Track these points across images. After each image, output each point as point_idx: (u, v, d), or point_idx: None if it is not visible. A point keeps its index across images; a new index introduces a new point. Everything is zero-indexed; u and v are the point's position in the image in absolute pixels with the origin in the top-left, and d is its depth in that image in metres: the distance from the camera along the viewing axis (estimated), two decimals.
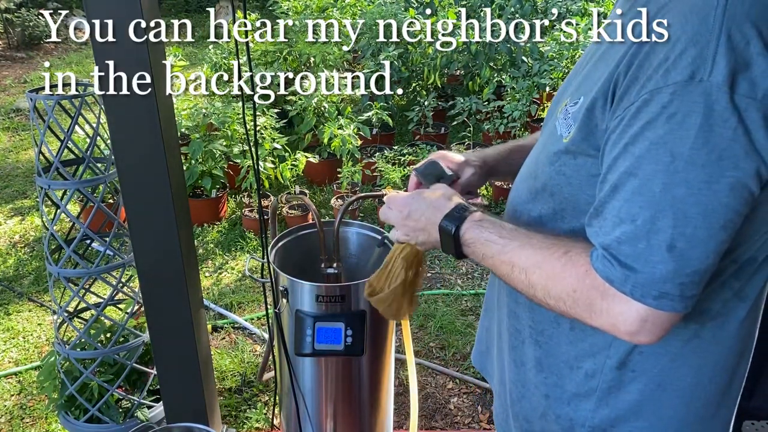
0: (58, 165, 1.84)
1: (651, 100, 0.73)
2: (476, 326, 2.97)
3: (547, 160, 0.92)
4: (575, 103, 0.87)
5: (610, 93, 0.79)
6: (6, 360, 2.80)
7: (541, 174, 0.94)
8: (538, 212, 0.95)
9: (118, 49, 1.39)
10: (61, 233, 1.97)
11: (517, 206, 1.02)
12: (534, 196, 0.96)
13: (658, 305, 0.76)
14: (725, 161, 0.71)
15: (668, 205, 0.73)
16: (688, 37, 0.72)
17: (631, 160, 0.75)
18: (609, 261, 0.78)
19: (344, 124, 3.93)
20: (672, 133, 0.72)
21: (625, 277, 0.76)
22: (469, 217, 0.94)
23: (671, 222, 0.73)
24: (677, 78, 0.71)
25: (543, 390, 1.01)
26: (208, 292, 3.27)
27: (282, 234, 1.84)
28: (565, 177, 0.89)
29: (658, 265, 0.75)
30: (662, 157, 0.73)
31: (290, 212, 3.75)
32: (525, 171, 1.03)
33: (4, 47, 7.92)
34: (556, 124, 0.91)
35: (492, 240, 0.91)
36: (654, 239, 0.74)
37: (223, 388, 2.60)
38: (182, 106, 4.04)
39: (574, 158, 0.87)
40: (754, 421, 1.98)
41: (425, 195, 1.02)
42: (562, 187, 0.90)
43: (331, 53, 4.74)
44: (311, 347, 1.61)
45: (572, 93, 0.91)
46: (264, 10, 7.12)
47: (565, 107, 0.90)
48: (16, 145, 5.22)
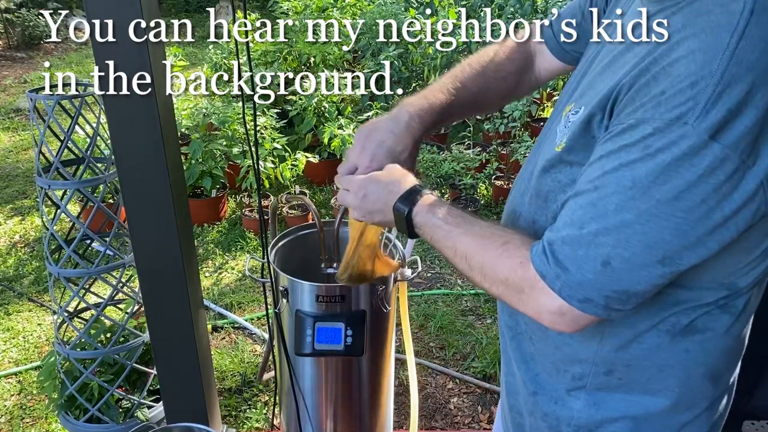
0: (58, 165, 1.84)
1: (636, 127, 0.75)
2: (476, 326, 2.99)
3: (541, 167, 0.93)
4: (576, 112, 0.88)
5: (609, 108, 0.81)
6: (6, 360, 2.80)
7: (535, 179, 0.95)
8: (532, 216, 0.96)
9: (118, 49, 1.39)
10: (61, 233, 1.97)
11: (516, 207, 1.03)
12: (530, 199, 0.97)
13: (581, 308, 0.80)
14: (680, 202, 0.73)
15: (615, 225, 0.76)
16: (689, 76, 0.72)
17: (599, 172, 0.78)
18: (546, 257, 0.81)
19: (344, 124, 3.93)
20: (641, 162, 0.74)
21: (557, 275, 0.80)
22: (420, 201, 0.97)
23: (612, 241, 0.76)
24: (664, 115, 0.72)
25: (531, 387, 1.03)
26: (208, 292, 3.27)
27: (282, 234, 1.84)
28: (561, 185, 0.90)
29: (588, 273, 0.78)
30: (624, 181, 0.75)
31: (290, 212, 3.75)
32: (526, 173, 1.03)
33: (4, 47, 7.92)
34: (557, 129, 0.92)
35: (438, 225, 0.94)
36: (592, 251, 0.78)
37: (223, 388, 2.60)
38: (182, 106, 4.04)
39: (570, 166, 0.88)
40: (754, 421, 1.98)
41: (380, 177, 1.04)
42: (556, 194, 0.90)
43: (331, 53, 4.74)
44: (311, 347, 1.61)
45: (576, 99, 0.92)
46: (264, 10, 7.12)
47: (568, 113, 0.90)
48: (16, 145, 5.22)
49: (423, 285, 3.32)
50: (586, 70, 0.97)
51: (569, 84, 1.02)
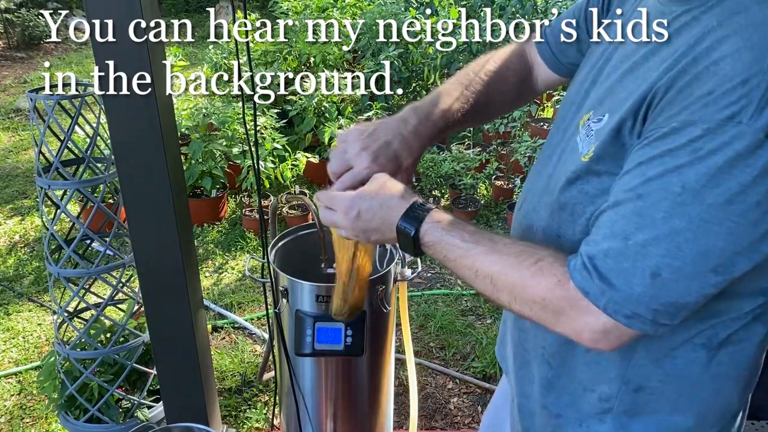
0: (58, 165, 1.83)
1: (681, 130, 0.72)
2: (476, 326, 2.99)
3: (565, 179, 0.89)
4: (599, 120, 0.85)
5: (642, 113, 0.78)
6: (6, 360, 2.80)
7: (558, 192, 0.90)
8: (556, 231, 0.92)
9: (118, 49, 1.39)
10: (61, 233, 1.96)
11: (532, 222, 0.98)
12: (551, 213, 0.93)
13: (627, 323, 0.76)
14: (734, 206, 0.70)
15: (664, 233, 0.72)
16: (738, 75, 0.69)
17: (640, 180, 0.75)
18: (588, 272, 0.77)
19: (344, 124, 3.93)
20: (690, 166, 0.71)
21: (602, 291, 0.76)
22: (428, 218, 0.90)
23: (662, 251, 0.73)
24: (715, 116, 0.69)
25: (554, 410, 0.99)
26: (208, 292, 3.27)
27: (282, 234, 1.84)
28: (588, 196, 0.85)
29: (636, 287, 0.74)
30: (673, 187, 0.72)
31: (290, 212, 3.75)
32: (540, 185, 0.98)
33: (4, 47, 7.92)
34: (578, 140, 0.88)
35: (454, 244, 0.88)
36: (640, 262, 0.74)
37: (223, 388, 2.60)
38: (182, 106, 4.04)
39: (598, 176, 0.84)
40: (754, 421, 1.98)
41: (373, 192, 0.94)
42: (584, 206, 0.86)
43: (331, 53, 4.74)
44: (311, 347, 1.61)
45: (594, 107, 0.88)
46: (264, 10, 7.12)
47: (588, 122, 0.87)
48: (16, 145, 5.22)
49: (423, 285, 3.32)
50: (596, 76, 0.94)
51: (575, 93, 0.99)
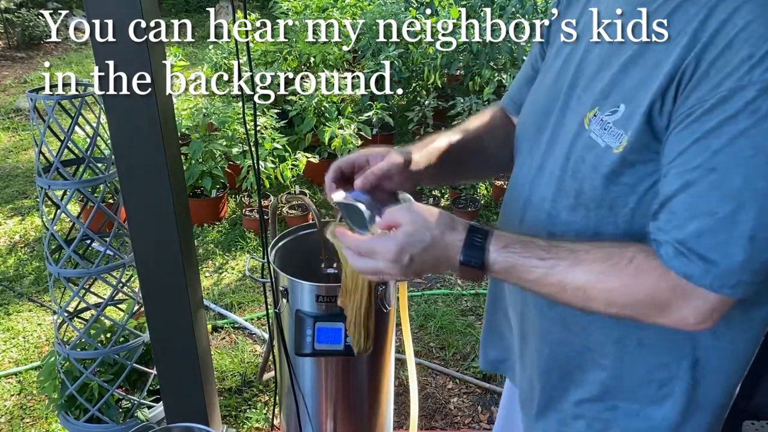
0: (58, 165, 1.83)
1: (731, 97, 0.73)
2: (476, 326, 2.98)
3: (598, 175, 0.86)
4: (613, 112, 0.85)
5: (672, 92, 0.78)
6: (6, 360, 2.80)
7: (590, 190, 0.88)
8: (593, 230, 0.90)
9: (118, 49, 1.39)
10: (61, 233, 1.96)
11: (551, 229, 0.95)
12: (584, 214, 0.90)
13: (732, 293, 0.77)
14: None
15: (750, 197, 0.74)
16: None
17: (706, 155, 0.75)
18: (686, 256, 0.77)
19: (344, 124, 3.93)
20: (756, 128, 0.72)
21: (706, 270, 0.77)
22: (492, 245, 0.85)
23: (754, 214, 0.74)
24: (765, 75, 0.71)
25: (605, 410, 0.99)
26: (208, 292, 3.27)
27: (282, 234, 1.84)
28: (629, 186, 0.85)
29: (736, 256, 0.76)
30: (744, 151, 0.73)
31: (290, 212, 3.75)
32: (548, 192, 0.95)
33: (4, 47, 7.92)
34: (592, 136, 0.87)
35: (532, 265, 0.84)
36: (735, 231, 0.75)
37: (223, 388, 2.60)
38: (182, 106, 4.04)
39: (632, 166, 0.84)
40: (754, 421, 1.98)
41: (420, 230, 0.86)
42: (627, 197, 0.85)
43: (331, 53, 4.74)
44: (311, 347, 1.61)
45: (598, 102, 0.88)
46: (264, 10, 7.12)
47: (596, 118, 0.87)
48: (16, 145, 5.22)
49: (423, 285, 3.32)
50: (575, 79, 0.93)
51: (546, 101, 0.99)
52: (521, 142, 1.05)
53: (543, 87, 1.02)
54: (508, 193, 1.07)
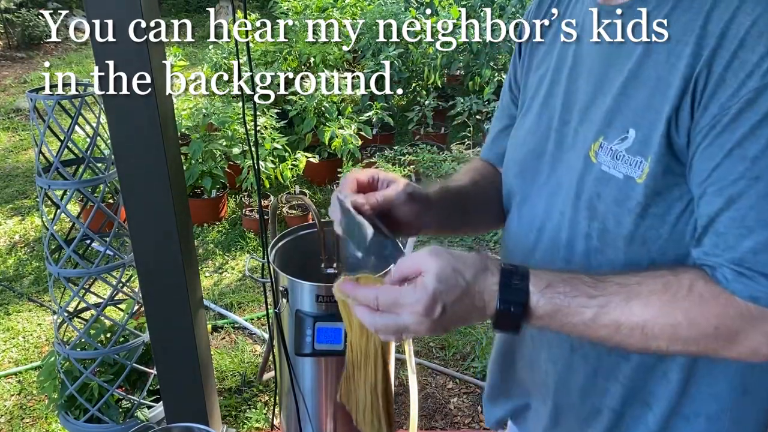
0: (58, 165, 1.83)
1: (759, 97, 0.68)
2: (476, 326, 2.98)
3: (623, 210, 0.79)
4: (623, 139, 0.78)
5: (687, 107, 0.73)
6: (6, 360, 2.80)
7: (616, 228, 0.80)
8: (622, 265, 0.82)
9: (118, 49, 1.39)
10: (61, 233, 1.96)
11: (576, 266, 0.86)
12: (611, 254, 0.82)
13: None
14: None
15: None
16: None
17: (746, 164, 0.70)
18: (747, 277, 0.70)
19: (344, 124, 3.94)
20: None
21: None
22: (533, 285, 0.74)
23: None
24: None
25: None
26: (208, 292, 3.27)
27: (282, 234, 1.84)
28: (659, 217, 0.78)
29: None
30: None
31: (290, 212, 3.75)
32: (562, 236, 0.87)
33: (4, 47, 7.92)
34: (604, 169, 0.80)
35: (581, 304, 0.73)
36: None
37: (223, 388, 2.60)
38: (182, 106, 4.04)
39: (659, 194, 0.77)
40: None
41: (451, 276, 0.72)
42: (658, 228, 0.78)
43: (331, 53, 4.74)
44: (311, 347, 1.61)
45: (601, 131, 0.81)
46: (264, 10, 7.12)
47: (604, 148, 0.80)
48: (16, 145, 5.22)
49: None
50: (565, 112, 0.89)
51: (535, 140, 0.93)
52: (512, 190, 0.99)
53: (525, 130, 0.97)
54: (510, 245, 0.98)
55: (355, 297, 0.76)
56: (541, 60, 0.97)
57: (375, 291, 0.74)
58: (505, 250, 1.01)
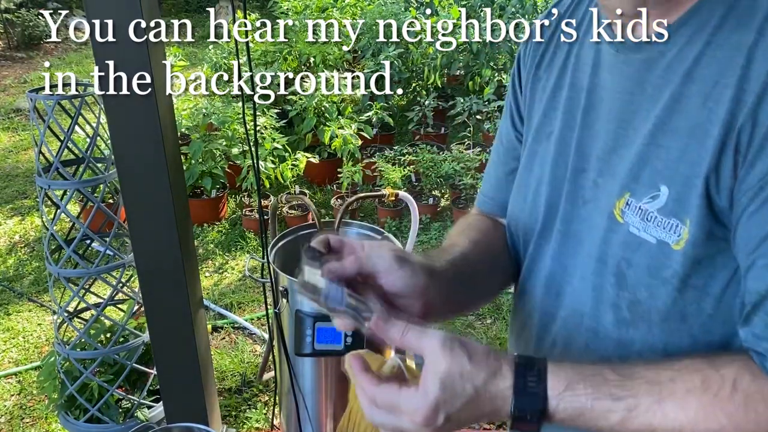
0: (58, 165, 1.84)
1: None
2: (476, 326, 2.98)
3: (657, 281, 0.69)
4: (654, 197, 0.68)
5: (729, 162, 0.63)
6: (6, 360, 2.80)
7: (649, 300, 0.70)
8: (662, 348, 0.72)
9: (118, 49, 1.39)
10: (61, 233, 1.96)
11: (604, 350, 0.76)
12: (645, 329, 0.72)
13: None
14: None
15: None
16: None
17: None
18: None
19: (344, 124, 3.94)
20: None
21: None
22: (551, 389, 0.64)
23: None
24: None
25: None
26: (208, 292, 3.27)
27: (282, 234, 1.84)
28: (700, 289, 0.68)
29: None
30: None
31: (290, 212, 3.75)
32: (584, 305, 0.76)
33: (4, 47, 7.92)
34: (633, 231, 0.70)
35: (606, 408, 0.64)
36: None
37: (223, 388, 2.60)
38: (182, 106, 4.04)
39: (699, 263, 0.66)
40: None
41: (458, 382, 0.63)
42: (700, 302, 0.68)
43: (331, 53, 4.74)
44: (311, 347, 1.61)
45: (629, 186, 0.71)
46: (264, 10, 7.12)
47: (632, 206, 0.70)
48: (16, 145, 5.22)
49: None
50: (580, 161, 0.77)
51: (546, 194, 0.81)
52: (519, 249, 0.87)
53: (533, 178, 0.84)
54: (525, 311, 0.87)
55: (357, 383, 0.70)
56: (546, 95, 0.85)
57: (374, 389, 0.67)
58: (522, 317, 0.87)
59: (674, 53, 0.68)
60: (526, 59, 0.89)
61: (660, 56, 0.69)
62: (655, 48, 0.70)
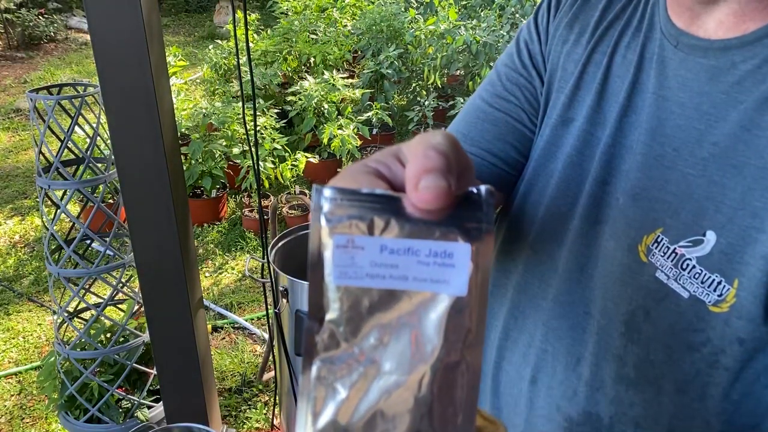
0: (58, 165, 1.84)
1: None
2: None
3: (681, 344, 0.55)
4: (696, 242, 0.54)
5: None
6: (6, 360, 2.80)
7: (665, 364, 0.56)
8: (665, 421, 0.58)
9: (118, 49, 1.39)
10: (61, 233, 1.97)
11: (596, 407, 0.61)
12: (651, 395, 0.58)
13: None
14: None
15: None
16: None
17: None
18: None
19: (344, 124, 3.94)
20: None
21: None
22: None
23: None
24: None
25: None
26: (208, 292, 3.27)
27: (282, 234, 1.84)
28: (732, 371, 0.54)
29: None
30: None
31: (290, 212, 3.75)
32: (583, 350, 0.62)
33: (4, 47, 7.92)
34: (660, 277, 0.56)
35: None
36: None
37: (223, 388, 2.60)
38: (182, 106, 4.04)
39: (751, 322, 0.52)
40: None
41: None
42: (730, 385, 0.54)
43: (331, 53, 4.74)
44: None
45: (663, 220, 0.56)
46: (264, 10, 7.13)
47: (662, 245, 0.56)
48: (16, 145, 5.22)
49: None
50: (607, 165, 0.61)
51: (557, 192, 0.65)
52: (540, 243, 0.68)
53: (548, 168, 0.67)
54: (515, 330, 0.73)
55: None
56: (576, 67, 0.67)
57: None
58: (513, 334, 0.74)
59: (750, 68, 0.54)
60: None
61: (731, 67, 0.55)
62: (728, 55, 0.55)
